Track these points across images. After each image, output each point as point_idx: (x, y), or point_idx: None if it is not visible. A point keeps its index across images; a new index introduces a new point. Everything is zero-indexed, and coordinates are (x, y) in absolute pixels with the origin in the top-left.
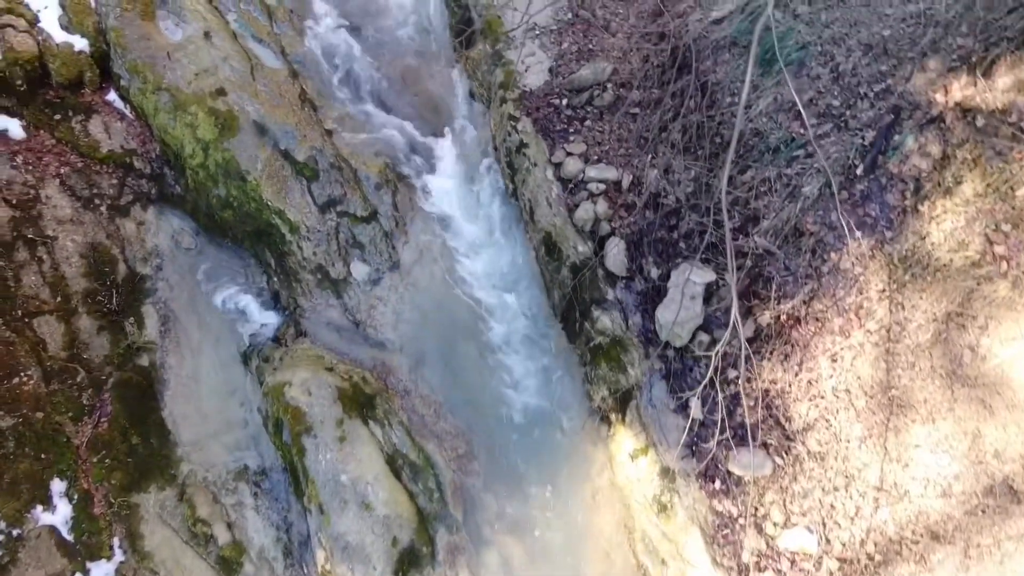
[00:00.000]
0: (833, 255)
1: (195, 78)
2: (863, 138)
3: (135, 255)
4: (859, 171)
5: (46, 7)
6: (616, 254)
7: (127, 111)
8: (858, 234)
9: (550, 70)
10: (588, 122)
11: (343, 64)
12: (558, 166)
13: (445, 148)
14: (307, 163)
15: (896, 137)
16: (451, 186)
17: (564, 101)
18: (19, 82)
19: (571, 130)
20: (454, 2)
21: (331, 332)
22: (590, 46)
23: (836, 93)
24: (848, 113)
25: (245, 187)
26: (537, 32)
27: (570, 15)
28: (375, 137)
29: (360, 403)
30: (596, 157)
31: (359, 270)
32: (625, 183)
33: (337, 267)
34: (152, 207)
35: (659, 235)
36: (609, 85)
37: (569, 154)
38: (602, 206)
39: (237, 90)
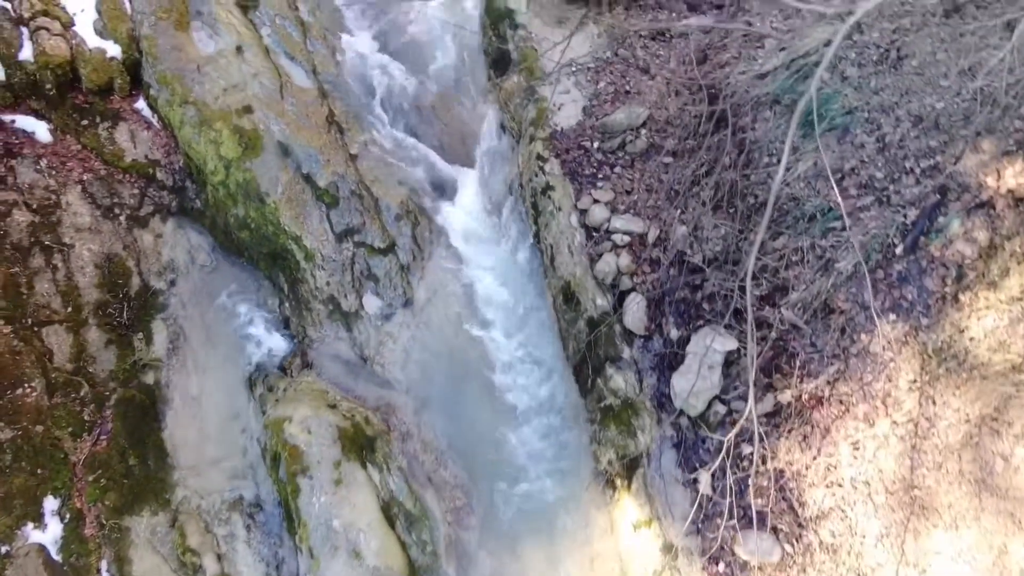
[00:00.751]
0: (863, 336)
1: (223, 93)
2: (905, 216)
3: (150, 268)
4: (898, 250)
5: (83, 10)
6: (636, 311)
7: (154, 120)
8: (892, 317)
9: (584, 110)
10: (618, 168)
11: (374, 86)
12: (583, 213)
13: (470, 182)
14: (328, 189)
15: (941, 219)
16: (473, 223)
17: (595, 144)
18: (48, 86)
19: (600, 176)
20: (492, 30)
21: (338, 366)
22: (627, 88)
23: (880, 165)
24: (891, 188)
25: (264, 209)
26: (574, 69)
27: (609, 53)
28: (400, 164)
29: (360, 445)
30: (623, 207)
31: (372, 304)
32: (651, 237)
33: (349, 299)
34: (171, 220)
35: (682, 295)
36: (643, 131)
37: (596, 201)
38: (625, 259)
39: (264, 108)
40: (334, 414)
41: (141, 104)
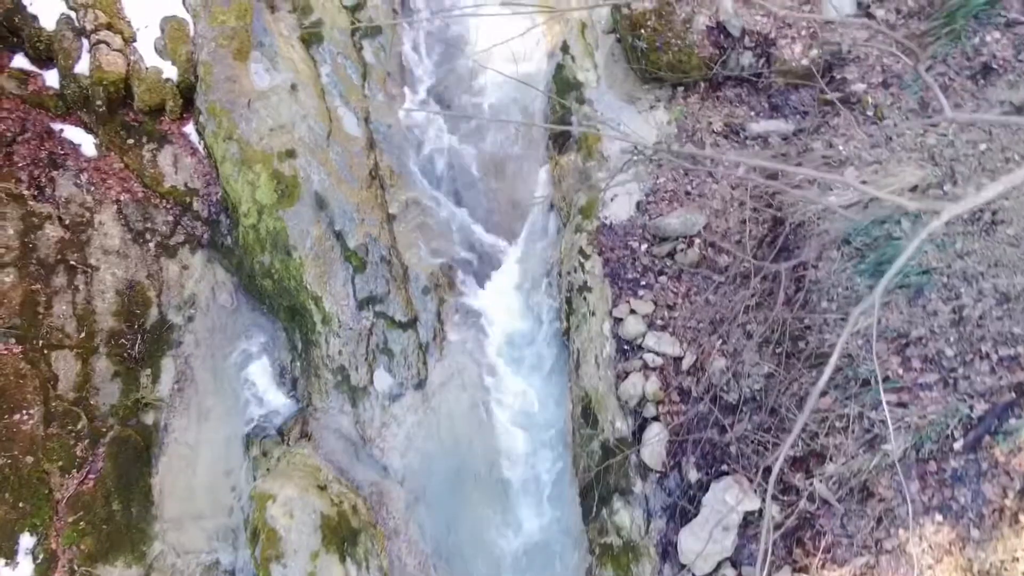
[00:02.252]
0: (902, 533)
1: (268, 133)
2: (971, 407)
3: (170, 301)
4: (957, 445)
5: (147, 27)
6: (655, 445)
7: (200, 147)
8: (938, 519)
9: (638, 205)
10: (663, 278)
11: (425, 142)
12: (618, 322)
13: (509, 259)
14: (357, 251)
15: (1012, 420)
16: (504, 307)
17: (644, 247)
18: (99, 103)
19: (643, 283)
20: (558, 99)
21: (336, 441)
22: (688, 188)
23: (952, 340)
24: (961, 370)
25: (289, 263)
26: (635, 157)
27: (676, 146)
28: (438, 231)
29: (342, 537)
30: (662, 323)
31: (382, 381)
32: (686, 363)
33: (360, 372)
34: (201, 252)
35: (709, 434)
36: (697, 241)
37: (633, 312)
38: (653, 384)
39: (308, 154)
40: (321, 498)
41: (190, 129)
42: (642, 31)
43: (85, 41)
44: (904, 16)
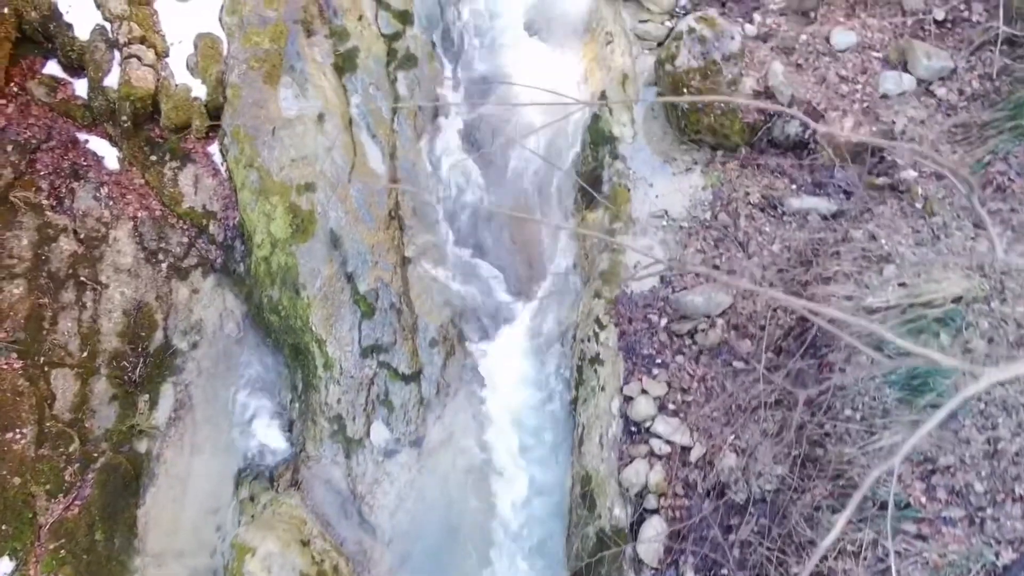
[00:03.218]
0: None
1: (289, 164)
2: (997, 555)
3: (177, 325)
4: None
5: (180, 42)
6: (653, 540)
7: (223, 169)
8: None
9: (662, 276)
10: (680, 358)
11: (450, 185)
12: (628, 400)
13: (524, 317)
14: (367, 296)
15: None
16: (511, 368)
17: (663, 321)
18: (125, 118)
19: (659, 361)
20: (591, 151)
21: (326, 493)
22: (716, 262)
23: (984, 475)
24: (990, 511)
25: (297, 301)
26: (665, 223)
27: (709, 215)
28: (454, 280)
29: None
30: (673, 407)
31: (379, 435)
32: (695, 455)
33: (357, 423)
34: (212, 276)
35: (711, 534)
36: (720, 322)
37: (645, 392)
38: (658, 474)
39: (328, 188)
40: (302, 555)
41: (214, 149)
42: (684, 91)
43: (117, 53)
44: (967, 98)
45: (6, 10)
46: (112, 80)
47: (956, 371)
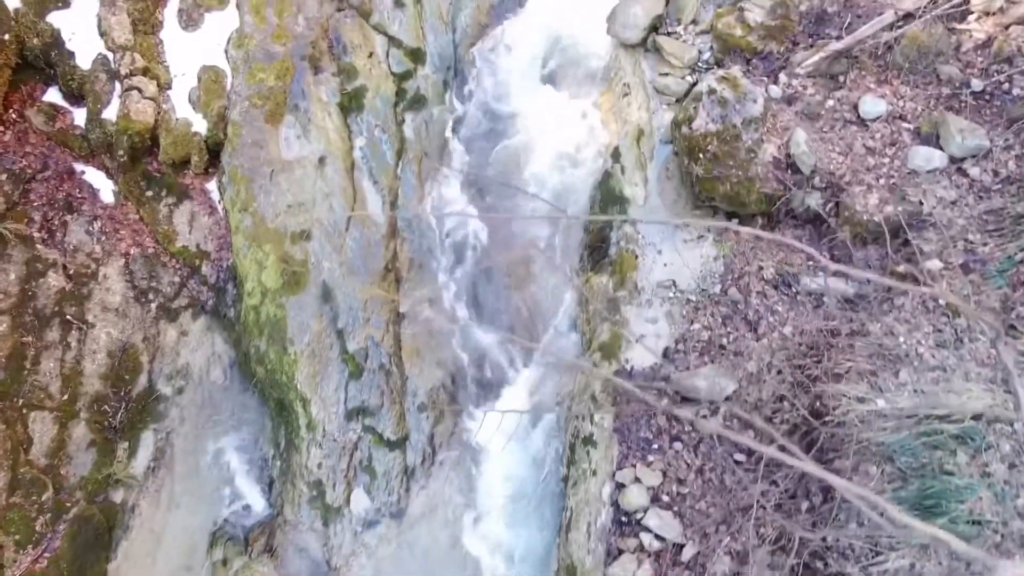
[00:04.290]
0: None
1: (285, 211)
2: None
3: (162, 369)
4: None
5: (184, 74)
6: None
7: (219, 207)
8: None
9: (665, 352)
10: (678, 445)
11: (451, 237)
12: (620, 487)
13: (518, 385)
14: (356, 355)
15: None
16: (502, 438)
17: (663, 402)
18: (122, 152)
19: (655, 446)
20: (600, 208)
21: (301, 562)
22: (724, 341)
23: None
24: None
25: (284, 357)
26: (672, 295)
27: (718, 288)
28: (448, 339)
29: None
30: (667, 499)
31: (359, 503)
32: (687, 554)
33: (337, 491)
34: (203, 319)
35: None
36: (723, 409)
37: (638, 480)
38: (646, 573)
39: (323, 238)
40: None
41: (212, 185)
42: (700, 155)
43: (118, 85)
44: (1002, 180)
45: (7, 36)
46: (111, 112)
47: (971, 494)
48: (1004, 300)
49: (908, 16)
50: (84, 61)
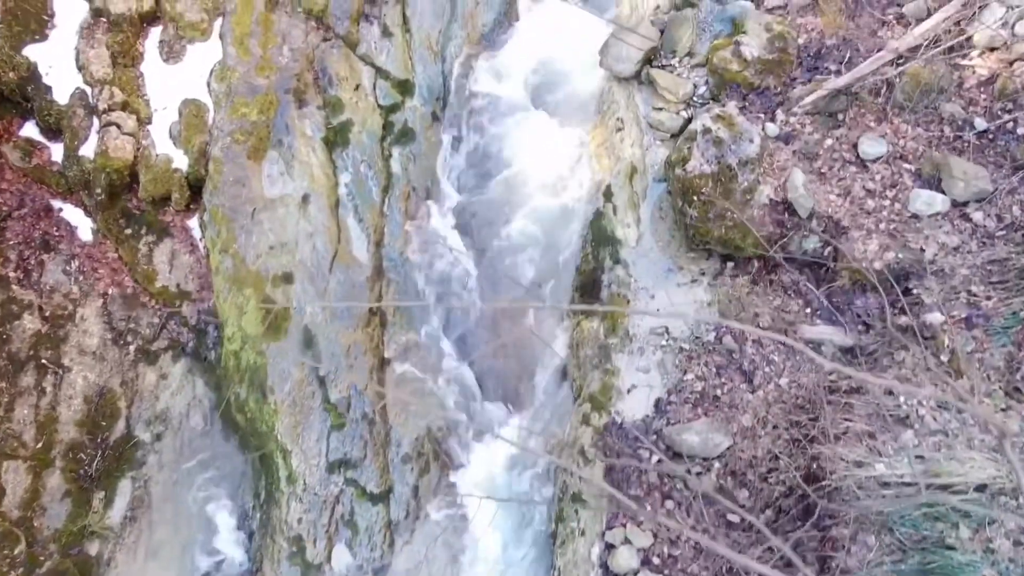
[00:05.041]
0: None
1: (267, 252)
2: None
3: (141, 414)
4: None
5: (165, 108)
6: None
7: (201, 245)
8: None
9: (657, 404)
10: (670, 503)
11: (437, 278)
12: (609, 548)
13: (508, 432)
14: (338, 405)
15: None
16: (490, 491)
17: (654, 459)
18: (99, 191)
19: (647, 504)
20: (592, 248)
21: None
22: (718, 392)
23: None
24: None
25: (263, 405)
26: (664, 342)
27: (713, 336)
28: (434, 386)
29: None
30: (659, 561)
31: (340, 560)
32: None
33: (318, 547)
34: (183, 361)
35: None
36: (716, 465)
37: (627, 541)
38: None
39: (306, 281)
40: None
41: (194, 223)
42: (695, 198)
43: (96, 120)
44: (1006, 226)
45: None
46: (89, 149)
47: (974, 572)
48: (1008, 359)
49: (912, 50)
50: (62, 96)
